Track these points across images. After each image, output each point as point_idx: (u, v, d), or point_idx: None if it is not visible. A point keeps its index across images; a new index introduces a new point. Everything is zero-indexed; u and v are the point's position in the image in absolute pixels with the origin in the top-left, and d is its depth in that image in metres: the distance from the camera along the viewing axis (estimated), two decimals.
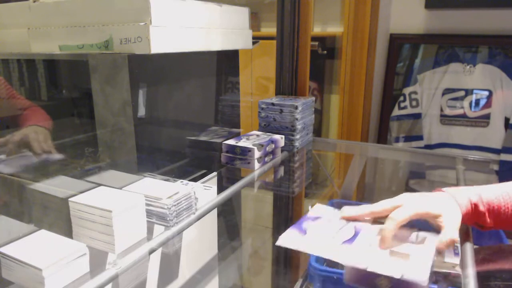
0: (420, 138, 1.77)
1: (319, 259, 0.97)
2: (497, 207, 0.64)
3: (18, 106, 0.92)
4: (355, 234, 0.64)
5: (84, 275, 0.53)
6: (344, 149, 1.36)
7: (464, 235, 0.71)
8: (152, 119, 0.85)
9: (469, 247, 0.67)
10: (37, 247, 0.53)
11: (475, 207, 0.65)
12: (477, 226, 0.68)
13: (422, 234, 0.64)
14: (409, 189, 1.72)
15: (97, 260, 0.56)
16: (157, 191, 0.66)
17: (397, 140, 1.82)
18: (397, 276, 0.52)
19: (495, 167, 1.64)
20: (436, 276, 0.79)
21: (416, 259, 0.56)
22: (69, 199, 0.60)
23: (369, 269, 0.54)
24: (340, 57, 1.86)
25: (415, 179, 1.73)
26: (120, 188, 0.67)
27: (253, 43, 1.07)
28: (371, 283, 0.55)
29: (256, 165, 0.94)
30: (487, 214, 0.65)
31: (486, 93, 1.64)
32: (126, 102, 0.75)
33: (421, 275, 0.52)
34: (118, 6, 0.69)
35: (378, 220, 0.67)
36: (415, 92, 1.75)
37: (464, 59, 1.66)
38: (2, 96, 0.91)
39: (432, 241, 0.61)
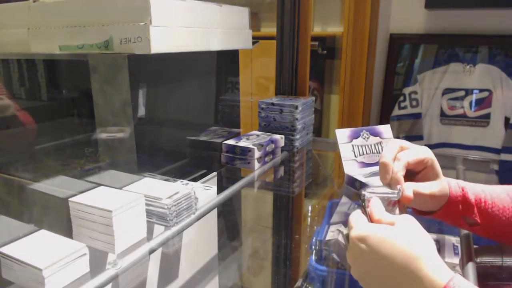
0: (420, 138, 1.77)
1: (319, 259, 0.97)
2: (484, 202, 0.61)
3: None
4: None
5: (84, 275, 0.53)
6: None
7: (464, 234, 0.71)
8: (152, 119, 0.85)
9: (469, 247, 0.67)
10: (37, 247, 0.53)
11: (463, 194, 0.61)
12: (465, 223, 0.64)
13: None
14: None
15: (97, 260, 0.56)
16: (157, 191, 0.66)
17: None
18: None
19: (495, 167, 1.64)
20: None
21: None
22: (69, 199, 0.60)
23: None
24: (340, 57, 1.86)
25: None
26: (120, 188, 0.67)
27: (253, 43, 1.07)
28: None
29: (256, 165, 0.94)
30: (475, 207, 0.61)
31: (486, 93, 1.63)
32: (126, 102, 0.75)
33: None
34: (118, 6, 0.69)
35: None
36: (415, 92, 1.75)
37: (464, 59, 1.66)
38: None
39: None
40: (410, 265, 0.43)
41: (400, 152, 0.58)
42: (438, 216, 0.63)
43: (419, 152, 0.59)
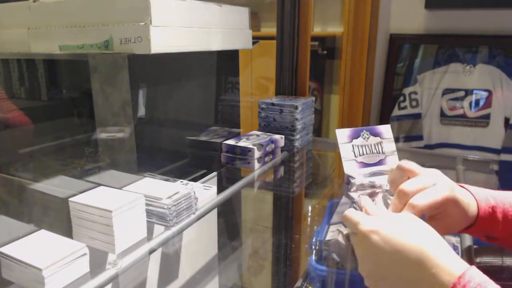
0: (420, 138, 1.77)
1: (319, 259, 0.97)
2: (511, 216, 0.55)
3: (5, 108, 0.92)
4: None
5: (84, 275, 0.53)
6: None
7: (464, 235, 0.71)
8: (152, 119, 0.85)
9: (469, 247, 0.67)
10: (37, 247, 0.53)
11: (492, 214, 0.55)
12: (485, 237, 0.59)
13: None
14: None
15: (97, 260, 0.56)
16: (157, 191, 0.66)
17: (397, 140, 1.82)
18: None
19: (495, 167, 1.64)
20: None
21: None
22: (69, 199, 0.60)
23: None
24: (340, 57, 1.86)
25: None
26: (120, 188, 0.67)
27: (253, 43, 1.07)
28: None
29: (256, 165, 0.94)
30: (501, 224, 0.55)
31: (486, 93, 1.64)
32: (126, 102, 0.75)
33: None
34: (118, 6, 0.69)
35: None
36: (415, 92, 1.75)
37: (464, 59, 1.66)
38: None
39: None
40: (425, 255, 0.42)
41: (417, 198, 0.51)
42: (467, 232, 0.59)
43: (437, 194, 0.51)
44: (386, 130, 0.93)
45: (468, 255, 0.65)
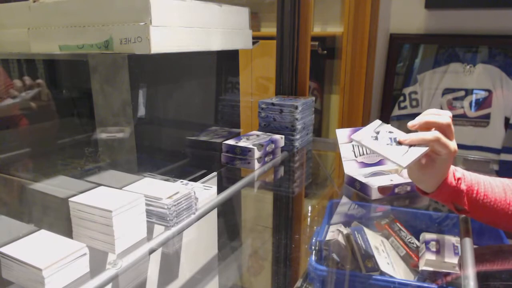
0: None
1: (319, 259, 0.97)
2: (476, 192, 0.66)
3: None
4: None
5: (84, 275, 0.53)
6: None
7: (464, 234, 0.71)
8: (152, 119, 0.85)
9: (469, 247, 0.67)
10: (37, 247, 0.53)
11: (456, 184, 0.66)
12: (454, 208, 0.69)
13: None
14: None
15: (97, 260, 0.56)
16: (157, 191, 0.66)
17: None
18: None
19: (495, 167, 1.64)
20: (436, 276, 0.79)
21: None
22: (69, 199, 0.60)
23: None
24: (340, 57, 1.86)
25: None
26: (120, 188, 0.67)
27: (253, 43, 1.07)
28: None
29: (256, 165, 0.94)
30: (465, 197, 0.66)
31: (486, 93, 1.64)
32: (126, 102, 0.75)
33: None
34: (118, 6, 0.69)
35: None
36: (415, 92, 1.75)
37: (464, 59, 1.66)
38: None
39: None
40: None
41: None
42: (433, 196, 0.69)
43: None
44: None
45: (468, 255, 0.65)
